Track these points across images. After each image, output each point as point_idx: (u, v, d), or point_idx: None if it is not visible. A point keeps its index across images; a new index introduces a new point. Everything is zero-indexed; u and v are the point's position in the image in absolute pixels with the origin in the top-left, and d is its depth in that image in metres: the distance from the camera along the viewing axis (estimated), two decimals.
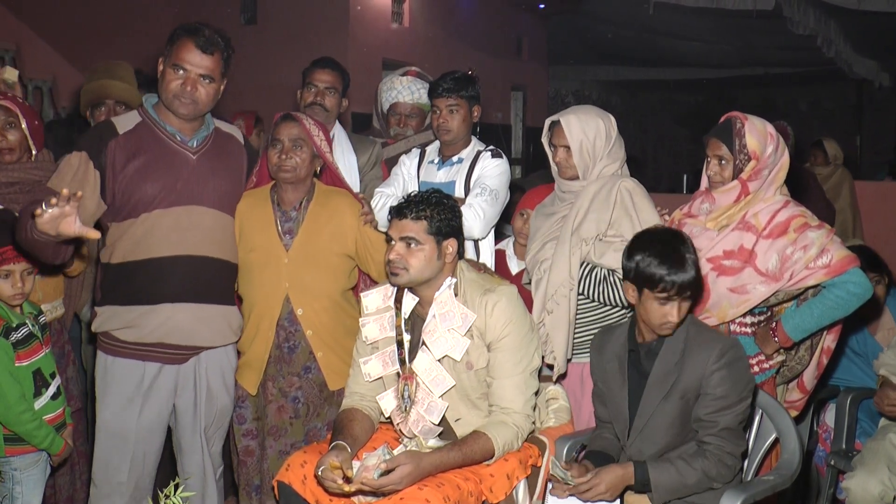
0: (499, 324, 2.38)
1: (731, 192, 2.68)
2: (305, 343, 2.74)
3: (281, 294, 2.72)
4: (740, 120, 2.68)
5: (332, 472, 2.17)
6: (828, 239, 2.60)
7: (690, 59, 12.31)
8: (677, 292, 2.25)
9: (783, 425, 2.47)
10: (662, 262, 2.25)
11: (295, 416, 2.75)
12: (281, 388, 2.75)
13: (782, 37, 9.50)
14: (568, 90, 14.72)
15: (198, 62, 2.52)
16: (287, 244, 2.72)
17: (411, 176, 3.27)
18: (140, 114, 2.64)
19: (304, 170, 2.71)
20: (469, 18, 10.34)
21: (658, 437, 2.35)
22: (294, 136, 2.70)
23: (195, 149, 2.63)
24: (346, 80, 3.39)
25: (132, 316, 2.58)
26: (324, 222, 2.74)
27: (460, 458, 2.28)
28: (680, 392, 2.30)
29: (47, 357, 2.72)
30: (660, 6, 8.46)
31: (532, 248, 2.91)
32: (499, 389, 2.39)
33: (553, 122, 2.85)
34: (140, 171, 2.54)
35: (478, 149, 3.21)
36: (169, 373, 2.65)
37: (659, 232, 2.39)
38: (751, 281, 2.63)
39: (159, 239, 2.56)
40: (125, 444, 2.61)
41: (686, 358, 2.31)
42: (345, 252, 2.77)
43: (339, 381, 2.73)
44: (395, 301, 2.50)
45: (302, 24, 8.60)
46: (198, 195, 2.61)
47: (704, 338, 2.33)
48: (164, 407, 2.67)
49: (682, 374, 2.30)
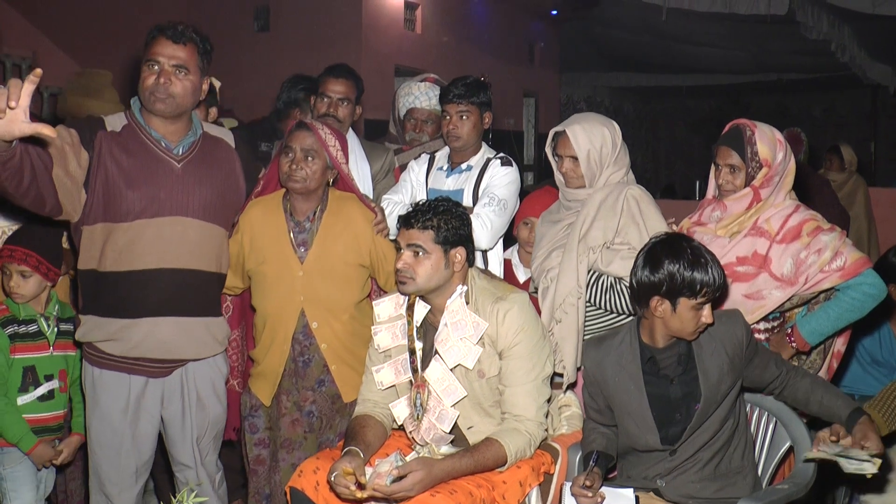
0: (510, 331, 2.37)
1: (743, 199, 2.67)
2: (320, 356, 2.70)
3: (296, 308, 2.68)
4: (749, 128, 2.68)
5: (344, 478, 2.17)
6: (840, 241, 2.61)
7: (703, 64, 12.28)
8: (713, 292, 2.24)
9: (798, 433, 2.45)
10: (697, 267, 2.22)
11: (309, 430, 2.72)
12: (296, 401, 2.71)
13: (796, 42, 9.46)
14: (580, 97, 14.71)
15: (170, 53, 2.46)
16: (302, 257, 2.68)
17: (420, 182, 3.24)
18: (127, 116, 2.57)
19: (314, 181, 2.66)
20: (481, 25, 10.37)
21: (715, 424, 2.34)
22: (307, 147, 2.64)
23: (180, 157, 2.56)
24: (359, 89, 3.36)
25: (114, 329, 2.52)
26: (338, 233, 2.70)
27: (472, 465, 2.27)
28: (728, 365, 2.33)
29: (49, 359, 2.76)
30: (672, 12, 8.44)
31: (538, 256, 2.87)
32: (511, 397, 2.39)
33: (557, 133, 2.81)
34: (123, 176, 2.47)
35: (487, 156, 3.18)
36: (155, 385, 2.61)
37: (669, 239, 2.34)
38: (766, 286, 2.63)
39: (142, 251, 2.49)
40: (117, 456, 2.59)
41: (713, 337, 2.34)
42: (359, 262, 2.73)
43: (352, 392, 2.69)
44: (406, 309, 2.49)
45: (315, 31, 8.65)
46: (183, 206, 2.53)
47: (719, 321, 2.35)
48: (155, 418, 2.64)
49: (722, 349, 2.33)
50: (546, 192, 3.09)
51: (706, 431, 2.34)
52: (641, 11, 8.94)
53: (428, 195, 3.14)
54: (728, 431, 2.37)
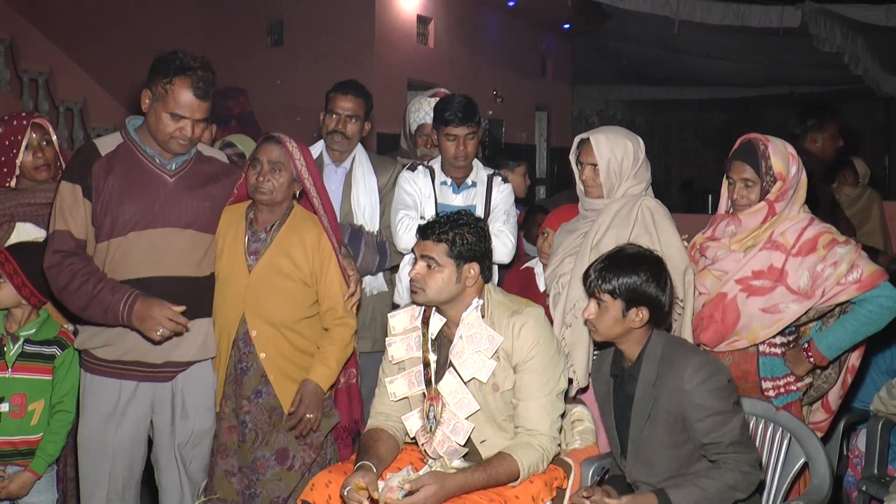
0: (525, 345, 2.37)
1: (758, 213, 2.67)
2: (258, 366, 2.72)
3: (237, 314, 2.72)
4: (763, 142, 2.68)
5: (357, 492, 2.17)
6: (856, 254, 2.61)
7: (715, 77, 12.28)
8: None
9: (812, 449, 2.43)
10: None
11: (242, 440, 2.73)
12: (233, 408, 2.75)
13: (809, 55, 9.45)
14: (592, 110, 14.73)
15: (196, 107, 2.55)
16: (251, 265, 2.73)
17: (426, 195, 3.28)
18: (122, 135, 2.65)
19: (280, 193, 2.72)
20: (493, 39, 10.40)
21: (655, 463, 2.29)
22: (273, 159, 2.70)
23: (173, 171, 2.65)
24: (368, 105, 3.39)
25: (110, 335, 2.61)
26: (290, 248, 2.73)
27: (485, 480, 2.27)
28: (662, 415, 2.25)
29: (3, 381, 2.73)
30: (685, 25, 8.46)
31: (552, 263, 2.93)
32: (525, 411, 2.39)
33: (582, 140, 2.86)
34: (117, 192, 2.56)
35: (486, 173, 3.34)
36: (146, 390, 2.67)
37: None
38: (783, 300, 2.62)
39: (135, 261, 2.58)
40: (103, 461, 2.64)
41: (662, 379, 2.26)
42: (304, 281, 2.75)
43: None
44: (422, 321, 2.50)
45: (328, 45, 8.70)
46: (174, 217, 2.63)
47: (678, 356, 2.26)
48: (142, 423, 2.69)
49: (661, 396, 2.25)
50: (571, 207, 3.13)
51: (645, 466, 2.30)
52: (653, 24, 8.96)
53: (437, 210, 3.18)
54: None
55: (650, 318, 2.28)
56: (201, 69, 2.55)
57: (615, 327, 2.29)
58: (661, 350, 2.29)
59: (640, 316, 2.27)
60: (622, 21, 9.81)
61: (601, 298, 2.28)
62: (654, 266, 2.28)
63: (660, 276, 2.27)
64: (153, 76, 2.55)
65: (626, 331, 2.29)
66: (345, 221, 3.28)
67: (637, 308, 2.26)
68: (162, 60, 2.55)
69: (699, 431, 2.21)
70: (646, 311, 2.27)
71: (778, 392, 2.72)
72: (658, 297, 2.26)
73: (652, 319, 2.29)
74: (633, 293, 2.25)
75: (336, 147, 3.33)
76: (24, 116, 3.00)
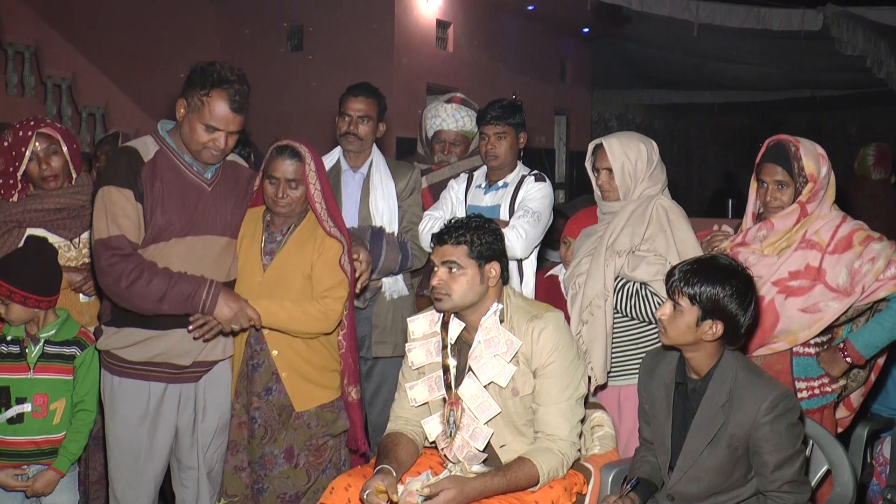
0: (545, 350, 2.37)
1: (791, 215, 2.68)
2: (269, 362, 2.75)
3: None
4: (793, 143, 2.68)
5: (377, 496, 2.17)
6: (892, 250, 2.63)
7: (736, 81, 12.21)
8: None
9: (835, 457, 2.41)
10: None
11: (251, 435, 2.76)
12: (244, 404, 2.78)
13: (830, 58, 9.37)
14: (611, 114, 14.69)
15: (231, 120, 2.56)
16: (266, 264, 2.77)
17: (459, 200, 3.35)
18: (157, 141, 2.64)
19: (298, 206, 2.78)
20: (513, 43, 10.41)
21: (703, 480, 2.23)
22: (290, 176, 2.73)
23: (210, 180, 2.68)
24: (381, 106, 3.40)
25: (142, 338, 2.61)
26: (304, 248, 2.77)
27: (504, 485, 2.26)
28: (727, 440, 2.17)
29: (27, 381, 2.75)
30: (704, 28, 8.41)
31: (571, 265, 2.97)
32: (544, 416, 2.38)
33: (596, 146, 2.90)
34: (162, 199, 2.57)
35: (522, 173, 3.32)
36: (173, 391, 2.69)
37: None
38: (823, 298, 2.62)
39: (173, 266, 2.58)
40: (136, 462, 2.65)
41: (734, 403, 2.16)
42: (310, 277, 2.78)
43: (305, 402, 2.75)
44: (441, 326, 2.50)
45: (348, 50, 8.74)
46: (212, 224, 2.67)
47: (755, 385, 2.17)
48: (172, 423, 2.71)
49: (730, 420, 2.16)
50: (590, 212, 3.13)
51: (692, 481, 2.25)
52: (673, 28, 8.92)
53: (467, 212, 3.22)
54: (735, 496, 2.24)
55: (723, 335, 2.18)
56: (238, 82, 2.56)
57: (686, 335, 2.20)
58: (734, 372, 2.20)
59: (713, 329, 2.16)
60: (641, 25, 9.78)
61: (679, 302, 2.19)
62: (742, 283, 2.16)
63: (745, 295, 2.16)
64: (190, 87, 2.55)
65: (696, 340, 2.20)
66: (364, 224, 3.29)
67: (713, 321, 2.15)
68: (199, 72, 2.55)
69: (763, 465, 2.15)
70: (720, 326, 2.16)
71: (812, 393, 2.71)
72: (737, 315, 2.15)
73: (725, 336, 2.18)
74: (713, 304, 2.14)
75: (350, 148, 3.35)
76: (31, 126, 2.96)
